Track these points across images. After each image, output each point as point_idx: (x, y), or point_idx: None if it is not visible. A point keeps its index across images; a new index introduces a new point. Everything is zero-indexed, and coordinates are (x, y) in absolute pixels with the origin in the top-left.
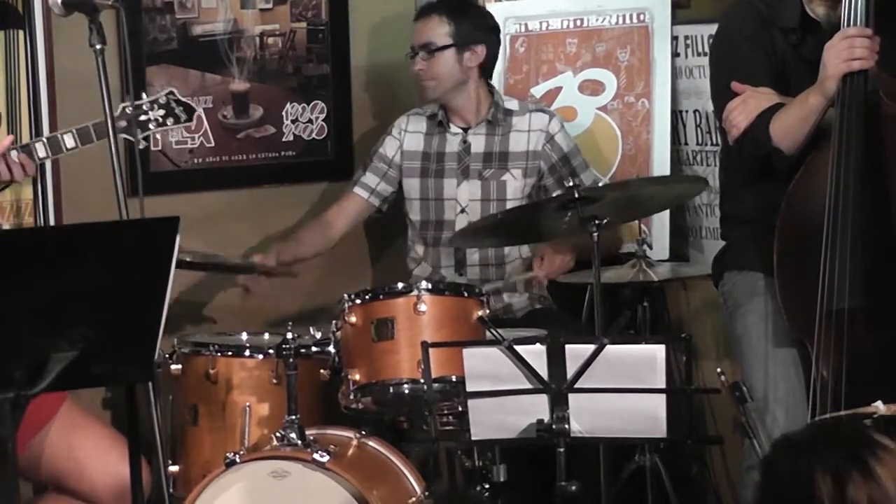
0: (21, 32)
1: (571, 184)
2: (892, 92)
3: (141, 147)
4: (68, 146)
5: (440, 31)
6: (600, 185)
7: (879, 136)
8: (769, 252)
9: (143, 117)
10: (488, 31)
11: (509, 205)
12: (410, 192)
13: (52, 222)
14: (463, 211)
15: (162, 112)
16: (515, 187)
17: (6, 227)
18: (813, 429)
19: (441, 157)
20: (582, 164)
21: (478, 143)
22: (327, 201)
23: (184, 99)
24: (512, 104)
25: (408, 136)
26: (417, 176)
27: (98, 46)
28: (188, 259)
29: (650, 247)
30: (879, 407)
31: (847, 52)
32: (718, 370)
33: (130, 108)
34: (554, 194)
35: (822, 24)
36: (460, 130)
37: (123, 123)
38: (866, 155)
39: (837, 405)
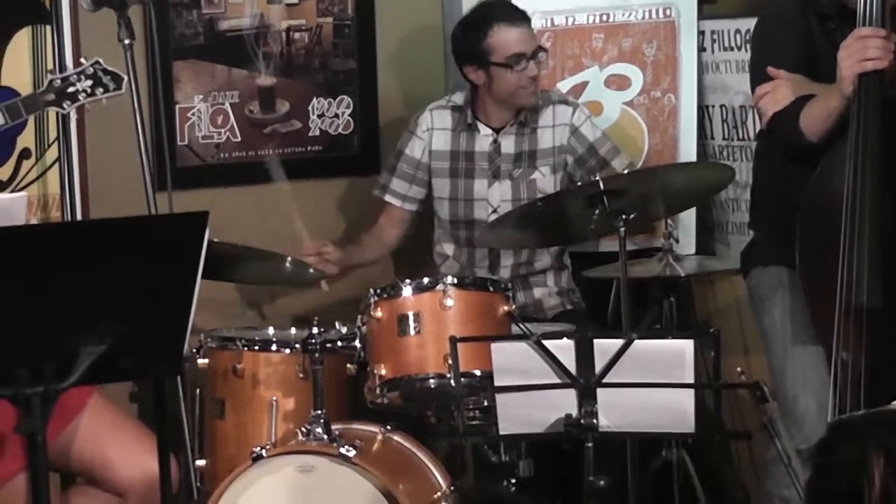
0: (48, 28)
1: (597, 177)
2: None
3: (71, 116)
4: None
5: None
6: (625, 172)
7: None
8: (795, 247)
9: (70, 89)
10: None
11: None
12: (440, 192)
13: (79, 217)
14: (495, 211)
15: (90, 83)
16: (545, 184)
17: (34, 221)
18: (868, 414)
19: (471, 157)
20: (612, 151)
21: (508, 143)
22: (353, 196)
23: (111, 68)
24: None
25: (435, 133)
26: (447, 176)
27: (127, 42)
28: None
29: (677, 241)
30: None
31: (860, 52)
32: (739, 369)
33: (58, 81)
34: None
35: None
36: (490, 131)
37: (51, 96)
38: (884, 153)
39: (856, 403)
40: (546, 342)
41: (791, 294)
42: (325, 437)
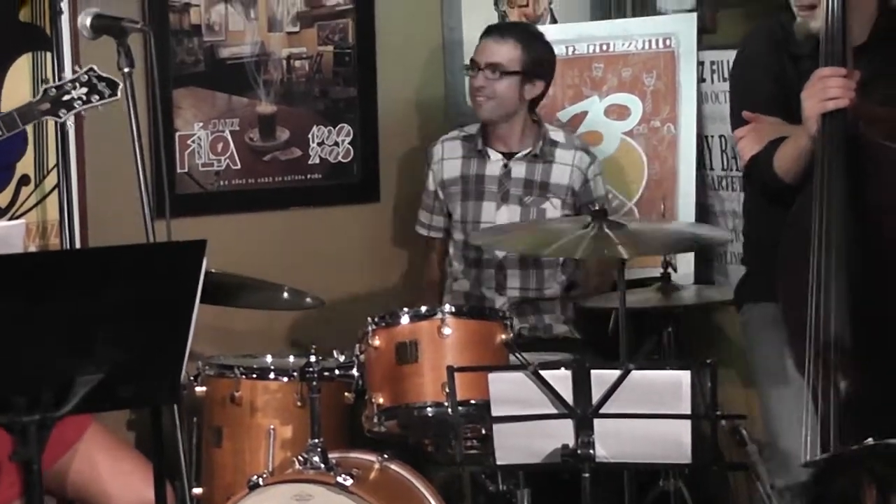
0: (48, 54)
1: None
2: (872, 120)
3: (67, 126)
4: None
5: (512, 55)
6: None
7: (862, 168)
8: None
9: (66, 97)
10: (551, 68)
11: None
12: (455, 215)
13: (77, 244)
14: None
15: (85, 90)
16: (553, 216)
17: (32, 248)
18: (861, 449)
19: (481, 180)
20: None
21: (519, 169)
22: (353, 224)
23: (106, 74)
24: (558, 135)
25: (445, 164)
26: (458, 200)
27: (126, 69)
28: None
29: (675, 270)
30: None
31: (821, 92)
32: (718, 412)
33: (53, 90)
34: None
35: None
36: (500, 156)
37: (47, 105)
38: (849, 188)
39: (826, 442)
40: (543, 372)
41: (780, 330)
42: (323, 465)
